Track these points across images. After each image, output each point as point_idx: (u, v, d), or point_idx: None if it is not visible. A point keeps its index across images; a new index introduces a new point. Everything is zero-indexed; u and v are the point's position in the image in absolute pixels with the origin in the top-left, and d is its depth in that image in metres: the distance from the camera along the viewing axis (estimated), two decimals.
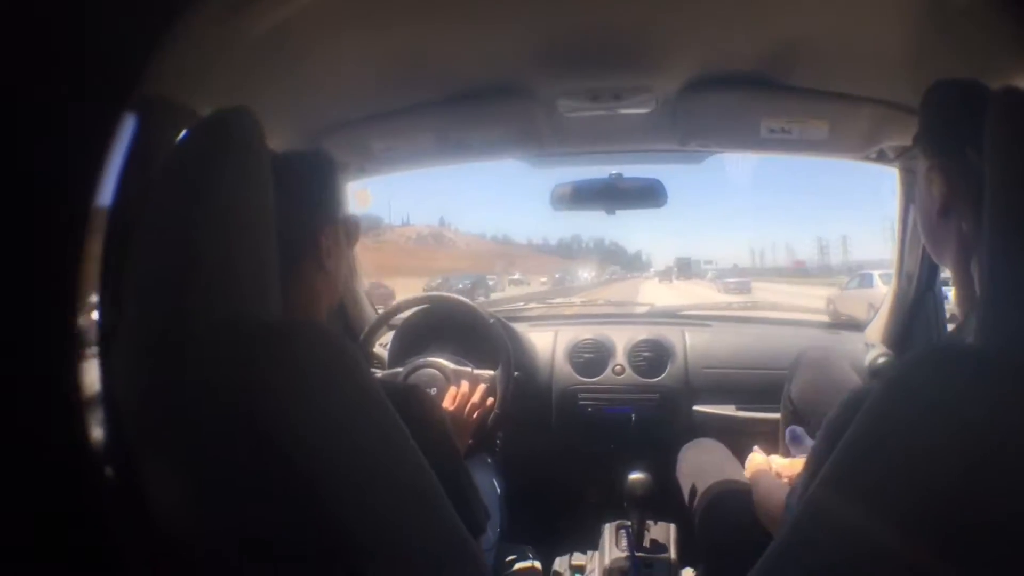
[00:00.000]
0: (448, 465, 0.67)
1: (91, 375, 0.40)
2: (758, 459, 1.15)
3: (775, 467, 1.13)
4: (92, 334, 0.40)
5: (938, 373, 0.45)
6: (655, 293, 21.29)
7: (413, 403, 0.68)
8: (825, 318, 2.22)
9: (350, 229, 0.73)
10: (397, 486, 0.53)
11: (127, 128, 0.39)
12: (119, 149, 0.39)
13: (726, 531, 1.08)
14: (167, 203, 0.49)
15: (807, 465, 0.70)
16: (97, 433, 0.39)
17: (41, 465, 0.38)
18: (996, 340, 0.44)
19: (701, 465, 1.26)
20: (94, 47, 0.38)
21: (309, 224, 0.68)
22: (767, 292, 20.38)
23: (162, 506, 0.45)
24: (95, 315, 0.41)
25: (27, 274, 0.37)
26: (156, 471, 0.46)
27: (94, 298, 0.40)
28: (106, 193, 0.38)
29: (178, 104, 0.65)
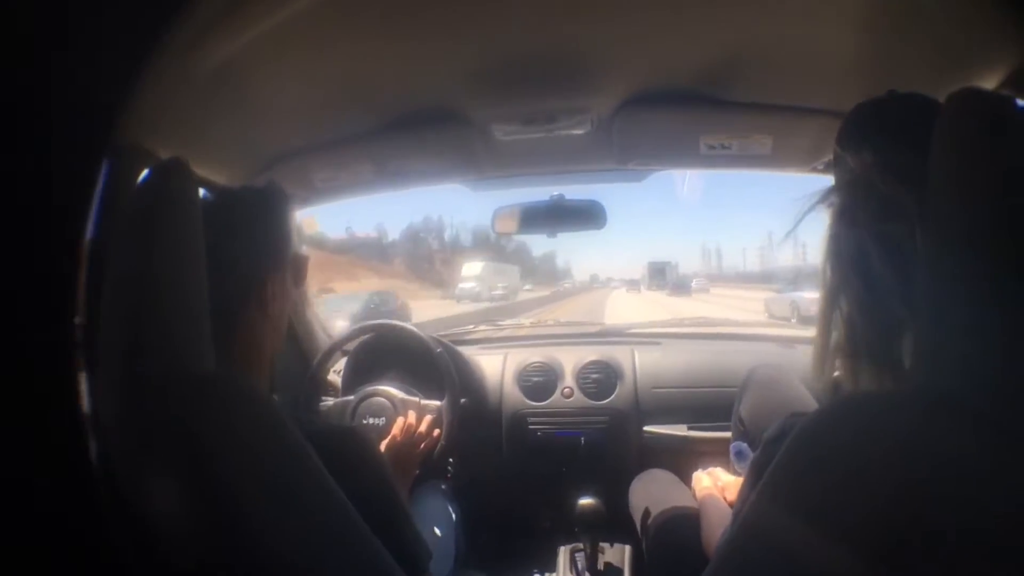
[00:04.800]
0: (385, 506, 0.68)
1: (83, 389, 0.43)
2: (705, 481, 1.14)
3: (721, 483, 1.12)
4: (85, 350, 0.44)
5: (847, 420, 0.43)
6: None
7: (350, 446, 0.69)
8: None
9: (298, 269, 0.73)
10: (319, 530, 0.54)
11: (100, 173, 0.42)
12: (96, 193, 0.42)
13: (676, 555, 1.08)
14: (114, 254, 0.51)
15: (738, 501, 0.69)
16: (91, 445, 0.43)
17: (39, 474, 0.41)
18: (929, 379, 0.42)
19: (651, 494, 1.25)
20: (64, 98, 0.40)
21: (255, 271, 0.67)
22: None
23: (139, 522, 0.47)
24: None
25: (26, 285, 0.40)
26: (130, 489, 0.48)
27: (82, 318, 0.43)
28: (87, 231, 0.42)
29: (138, 147, 0.70)
